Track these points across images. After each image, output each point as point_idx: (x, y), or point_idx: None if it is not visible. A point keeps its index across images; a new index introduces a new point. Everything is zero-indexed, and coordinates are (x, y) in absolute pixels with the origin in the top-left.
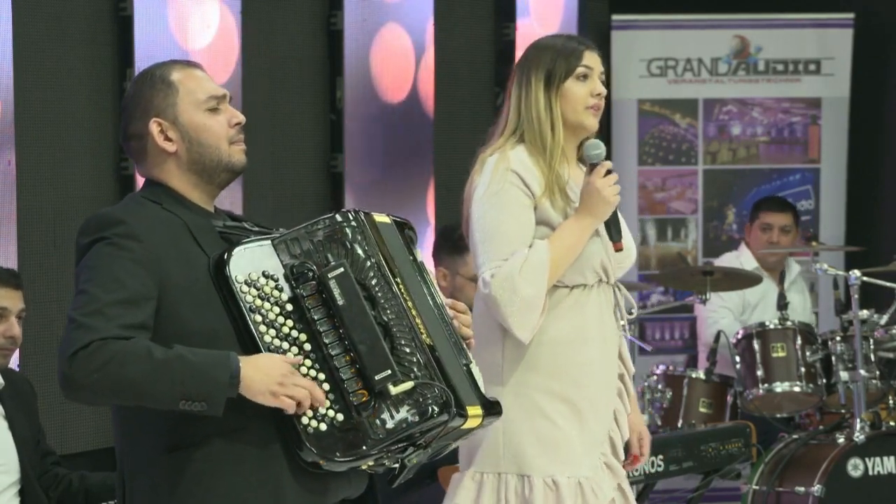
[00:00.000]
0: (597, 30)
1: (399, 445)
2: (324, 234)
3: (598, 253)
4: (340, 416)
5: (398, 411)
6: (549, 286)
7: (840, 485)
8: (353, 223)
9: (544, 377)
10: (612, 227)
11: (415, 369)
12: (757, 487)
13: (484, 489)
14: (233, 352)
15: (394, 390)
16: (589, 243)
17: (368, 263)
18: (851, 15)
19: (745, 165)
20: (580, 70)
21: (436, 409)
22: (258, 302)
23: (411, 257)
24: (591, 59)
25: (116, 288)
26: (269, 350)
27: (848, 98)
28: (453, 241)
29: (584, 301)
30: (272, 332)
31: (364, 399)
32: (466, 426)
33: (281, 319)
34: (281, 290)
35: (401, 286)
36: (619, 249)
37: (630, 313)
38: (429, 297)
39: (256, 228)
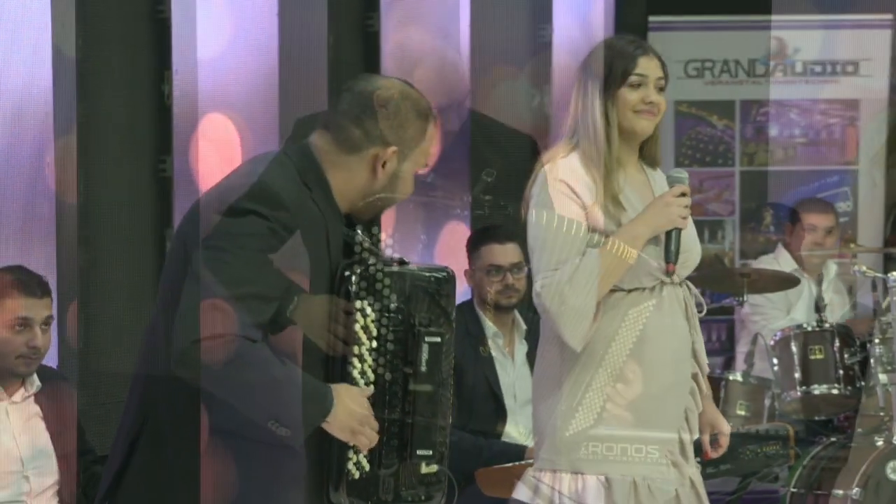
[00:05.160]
0: (634, 31)
1: None
2: (433, 289)
3: (656, 258)
4: (367, 466)
5: (412, 485)
6: (601, 294)
7: (878, 488)
8: (452, 285)
9: (603, 377)
10: (673, 246)
11: (442, 451)
12: (795, 490)
13: (540, 486)
14: (330, 388)
15: (424, 469)
16: (646, 248)
17: (449, 336)
18: (890, 16)
19: (782, 167)
20: (633, 79)
21: (442, 499)
22: (360, 332)
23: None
24: (646, 65)
25: (259, 278)
26: (344, 378)
27: (886, 99)
28: (472, 240)
29: (644, 302)
30: (356, 363)
31: (392, 458)
32: None
33: (365, 354)
34: (375, 327)
35: (453, 364)
36: (669, 272)
37: (699, 310)
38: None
39: (367, 244)
